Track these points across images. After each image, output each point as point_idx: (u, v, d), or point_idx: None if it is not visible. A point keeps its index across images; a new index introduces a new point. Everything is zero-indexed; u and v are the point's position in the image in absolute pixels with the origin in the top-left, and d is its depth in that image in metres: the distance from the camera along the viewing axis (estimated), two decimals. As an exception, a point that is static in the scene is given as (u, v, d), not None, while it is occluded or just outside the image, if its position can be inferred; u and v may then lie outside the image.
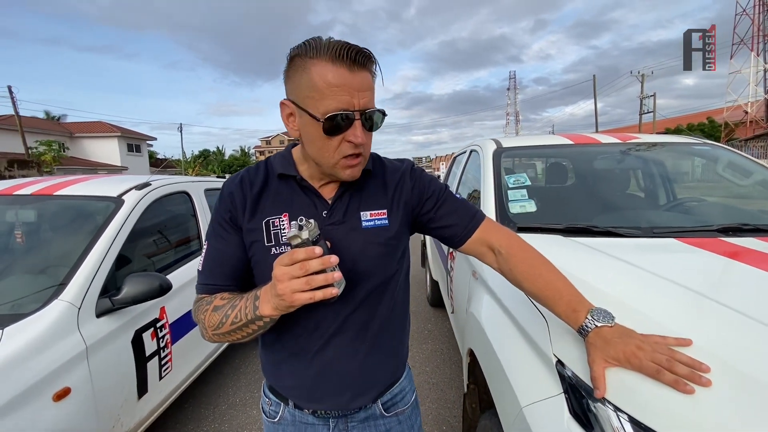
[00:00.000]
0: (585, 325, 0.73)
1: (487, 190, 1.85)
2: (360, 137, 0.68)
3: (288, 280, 0.58)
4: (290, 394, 0.83)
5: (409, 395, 0.92)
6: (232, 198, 0.78)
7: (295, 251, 0.58)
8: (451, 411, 2.31)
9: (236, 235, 0.77)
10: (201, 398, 2.52)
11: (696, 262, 1.18)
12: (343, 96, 0.65)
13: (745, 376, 0.68)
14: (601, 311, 0.75)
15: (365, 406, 0.84)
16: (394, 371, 0.88)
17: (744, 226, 1.42)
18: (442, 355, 2.98)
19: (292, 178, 0.79)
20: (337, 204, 0.78)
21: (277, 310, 0.62)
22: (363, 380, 0.82)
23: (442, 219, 0.84)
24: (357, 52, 0.65)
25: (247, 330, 0.69)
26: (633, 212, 1.84)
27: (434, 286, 3.53)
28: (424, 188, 0.84)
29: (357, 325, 0.79)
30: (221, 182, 3.08)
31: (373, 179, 0.83)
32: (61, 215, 1.96)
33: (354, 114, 0.67)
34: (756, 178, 1.92)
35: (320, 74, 0.65)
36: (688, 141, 2.24)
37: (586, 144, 2.22)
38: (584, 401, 0.76)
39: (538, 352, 0.94)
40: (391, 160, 0.89)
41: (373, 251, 0.78)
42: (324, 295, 0.59)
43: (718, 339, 0.77)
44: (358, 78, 0.66)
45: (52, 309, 1.41)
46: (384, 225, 0.79)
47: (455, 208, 0.85)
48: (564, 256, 1.24)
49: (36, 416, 1.22)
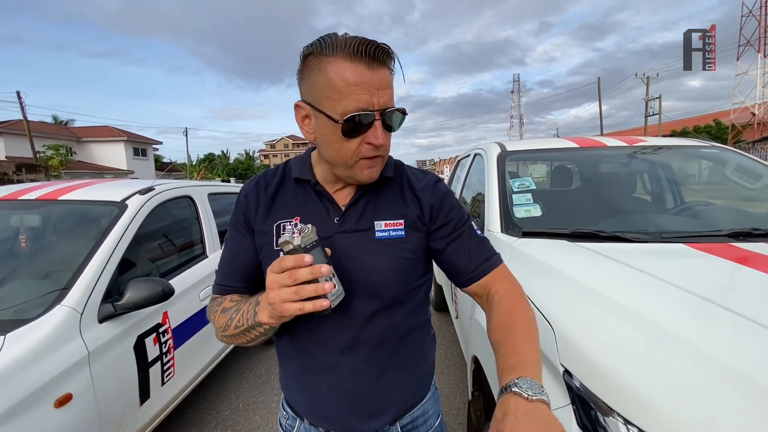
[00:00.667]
0: (507, 384, 0.56)
1: (492, 194, 1.84)
2: (381, 138, 0.64)
3: (277, 288, 0.55)
4: (302, 411, 0.79)
5: (432, 419, 0.84)
6: (247, 200, 0.76)
7: (285, 258, 0.55)
8: (456, 418, 2.28)
9: (249, 238, 0.76)
10: (203, 403, 2.50)
11: (707, 269, 1.15)
12: (363, 95, 0.61)
13: (760, 387, 0.65)
14: (534, 384, 0.55)
15: (382, 429, 0.77)
16: (414, 391, 0.81)
17: (755, 231, 1.39)
18: (446, 360, 2.95)
19: (307, 182, 0.76)
20: (350, 211, 0.74)
21: (272, 318, 0.60)
22: (377, 400, 0.76)
23: (452, 253, 0.76)
24: (376, 48, 0.61)
25: (249, 335, 0.67)
26: (640, 216, 1.82)
27: (438, 290, 3.51)
28: (443, 211, 0.77)
29: (370, 342, 0.73)
30: (225, 186, 3.09)
31: (392, 187, 0.78)
32: (65, 220, 1.96)
33: (374, 114, 0.63)
34: (765, 181, 1.88)
35: (338, 73, 0.61)
36: (695, 144, 2.21)
37: (591, 147, 2.20)
38: (593, 413, 0.74)
39: (544, 361, 0.92)
40: (415, 170, 0.83)
41: (387, 264, 0.72)
42: (314, 306, 0.55)
43: (731, 349, 0.75)
44: (378, 76, 0.62)
45: (54, 314, 1.40)
46: (400, 236, 0.74)
47: (470, 246, 0.76)
48: (570, 262, 1.22)
49: (37, 422, 1.21)
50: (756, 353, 0.74)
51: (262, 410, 2.43)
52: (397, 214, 0.75)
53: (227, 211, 2.92)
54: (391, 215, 0.74)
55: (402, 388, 0.78)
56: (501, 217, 1.69)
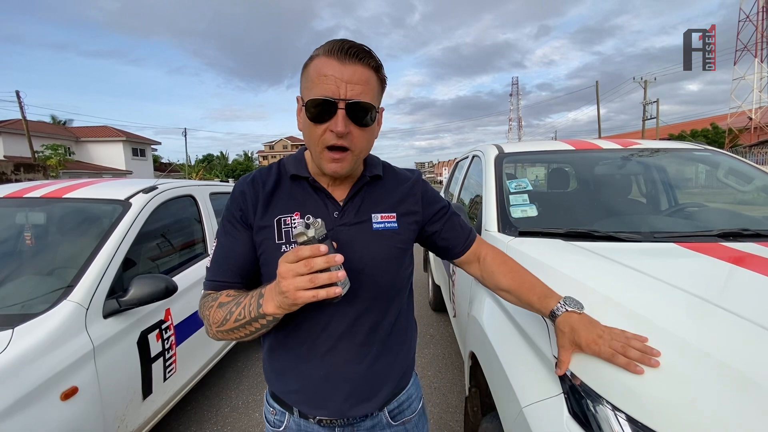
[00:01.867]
0: (555, 309, 0.80)
1: (489, 194, 1.87)
2: (340, 126, 0.68)
3: (292, 277, 0.58)
4: (294, 401, 0.82)
5: (416, 403, 0.92)
6: (244, 196, 0.79)
7: (301, 248, 0.58)
8: (453, 415, 2.31)
9: (245, 233, 0.78)
10: (203, 401, 2.53)
11: (695, 267, 1.19)
12: (330, 85, 0.67)
13: (745, 378, 0.69)
14: (570, 299, 0.82)
15: (371, 414, 0.83)
16: (401, 377, 0.87)
17: (744, 231, 1.43)
18: (444, 359, 2.99)
19: (304, 179, 0.80)
20: (348, 205, 0.80)
21: (280, 308, 0.62)
22: (370, 385, 0.81)
23: (446, 233, 0.91)
24: (350, 46, 0.68)
25: (249, 328, 0.69)
26: (634, 217, 1.86)
27: (436, 290, 3.54)
28: (433, 202, 0.90)
29: (366, 327, 0.79)
30: (226, 186, 3.12)
31: (383, 184, 0.86)
32: (70, 218, 1.99)
33: (337, 103, 0.68)
34: (757, 184, 1.93)
35: (315, 67, 0.70)
36: (689, 147, 2.25)
37: (587, 150, 2.24)
38: (583, 402, 0.77)
39: (538, 353, 0.96)
40: (401, 169, 0.92)
41: (383, 253, 0.79)
42: (327, 294, 0.58)
43: (715, 339, 0.79)
44: (349, 70, 0.68)
45: (61, 309, 1.43)
46: (394, 228, 0.81)
47: (457, 224, 0.93)
48: (564, 260, 1.26)
49: (44, 414, 1.24)
50: (736, 341, 0.77)
51: (261, 408, 2.45)
52: (390, 208, 0.83)
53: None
54: (385, 209, 0.82)
55: (392, 373, 0.85)
56: (498, 217, 1.73)
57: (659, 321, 0.84)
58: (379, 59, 0.72)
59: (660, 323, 0.83)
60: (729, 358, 0.72)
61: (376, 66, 0.72)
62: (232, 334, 0.71)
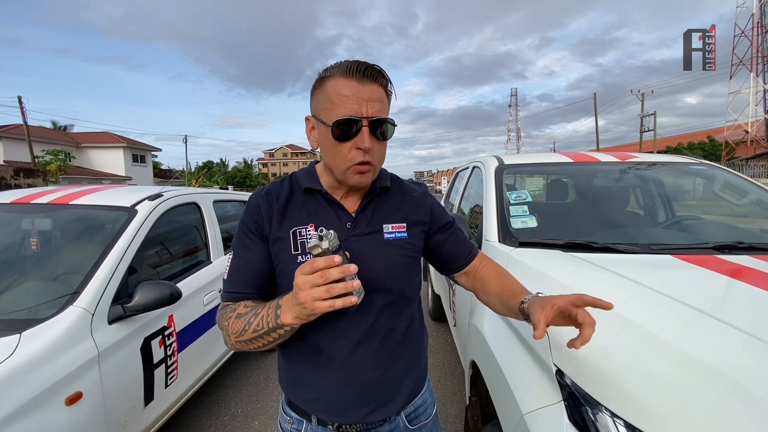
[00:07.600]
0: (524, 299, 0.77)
1: (490, 205, 1.91)
2: (367, 142, 0.73)
3: (309, 288, 0.60)
4: (313, 408, 0.82)
5: (430, 408, 0.94)
6: (259, 209, 0.81)
7: (316, 260, 0.60)
8: (453, 425, 2.31)
9: (261, 245, 0.80)
10: (203, 408, 2.52)
11: (691, 279, 1.22)
12: (352, 105, 0.71)
13: (739, 386, 0.72)
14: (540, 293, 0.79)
15: (389, 419, 0.85)
16: (416, 382, 0.89)
17: (739, 244, 1.47)
18: (443, 369, 2.99)
19: (317, 192, 0.83)
20: (360, 216, 0.83)
21: (297, 318, 0.64)
22: (387, 390, 0.83)
23: (450, 246, 0.94)
24: (367, 67, 0.73)
25: (267, 338, 0.71)
26: (632, 229, 1.89)
27: (436, 299, 3.56)
28: (440, 216, 0.93)
29: (382, 334, 0.81)
30: (229, 194, 3.15)
31: (393, 195, 0.89)
32: (77, 224, 2.01)
33: (362, 121, 0.72)
34: (751, 198, 1.97)
35: (334, 87, 0.73)
36: (685, 161, 2.30)
37: (585, 162, 2.29)
38: (583, 408, 0.80)
39: (538, 361, 0.98)
40: (408, 181, 0.96)
41: (395, 261, 0.82)
42: (344, 303, 0.60)
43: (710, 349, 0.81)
44: (368, 90, 0.73)
45: (67, 315, 1.45)
46: (404, 238, 0.84)
47: (460, 238, 0.96)
48: (564, 271, 1.29)
49: (49, 419, 1.25)
50: (730, 351, 0.80)
51: (261, 416, 2.45)
52: (400, 218, 0.86)
53: (231, 217, 2.98)
54: (395, 219, 0.86)
55: (407, 377, 0.87)
56: (498, 227, 1.76)
57: (657, 331, 0.87)
58: (389, 77, 0.77)
59: (657, 333, 0.86)
60: (724, 367, 0.75)
61: (386, 83, 0.77)
62: (251, 344, 0.73)
